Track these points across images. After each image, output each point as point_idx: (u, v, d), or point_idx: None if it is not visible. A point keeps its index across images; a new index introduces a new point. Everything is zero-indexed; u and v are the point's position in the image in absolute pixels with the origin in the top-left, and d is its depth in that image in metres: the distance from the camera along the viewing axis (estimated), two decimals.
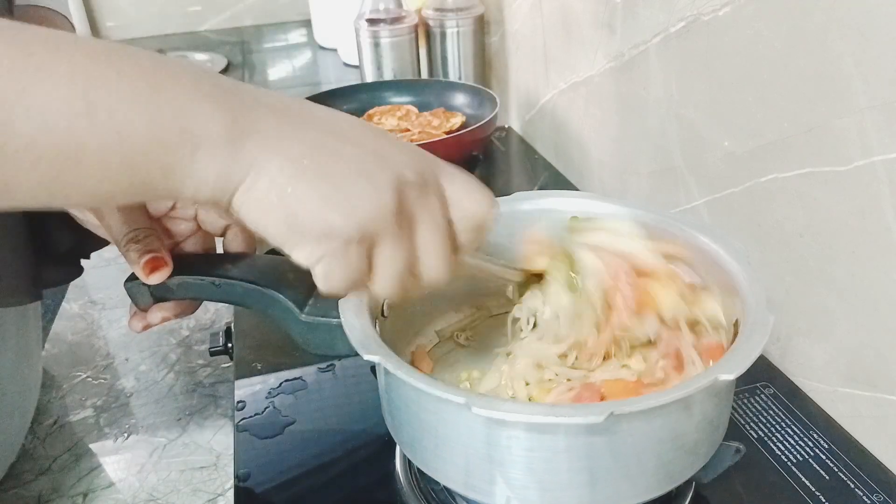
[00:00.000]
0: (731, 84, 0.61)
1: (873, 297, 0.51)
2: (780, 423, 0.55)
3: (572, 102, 0.93)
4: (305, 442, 0.57)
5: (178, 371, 0.77)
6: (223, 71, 1.59)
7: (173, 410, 0.71)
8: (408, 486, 0.51)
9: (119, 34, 1.93)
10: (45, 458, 0.66)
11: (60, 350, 0.81)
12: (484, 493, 0.41)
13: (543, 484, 0.39)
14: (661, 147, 0.73)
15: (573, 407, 0.41)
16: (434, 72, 1.20)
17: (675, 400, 0.36)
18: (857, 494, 0.49)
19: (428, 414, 0.41)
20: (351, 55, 1.46)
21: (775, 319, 0.40)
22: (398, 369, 0.39)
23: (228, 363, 0.76)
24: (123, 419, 0.71)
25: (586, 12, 0.84)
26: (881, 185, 0.48)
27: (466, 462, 0.41)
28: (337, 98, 1.05)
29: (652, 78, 0.72)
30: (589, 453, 0.38)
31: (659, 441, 0.39)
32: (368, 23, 1.15)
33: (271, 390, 0.62)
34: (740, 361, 0.37)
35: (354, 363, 0.63)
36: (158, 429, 0.69)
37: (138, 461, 0.66)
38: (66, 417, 0.71)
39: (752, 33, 0.57)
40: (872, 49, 0.46)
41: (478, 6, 1.15)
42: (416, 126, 0.98)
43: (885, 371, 0.51)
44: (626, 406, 0.36)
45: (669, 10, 0.67)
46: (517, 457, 0.39)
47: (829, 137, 0.51)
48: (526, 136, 1.13)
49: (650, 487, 0.41)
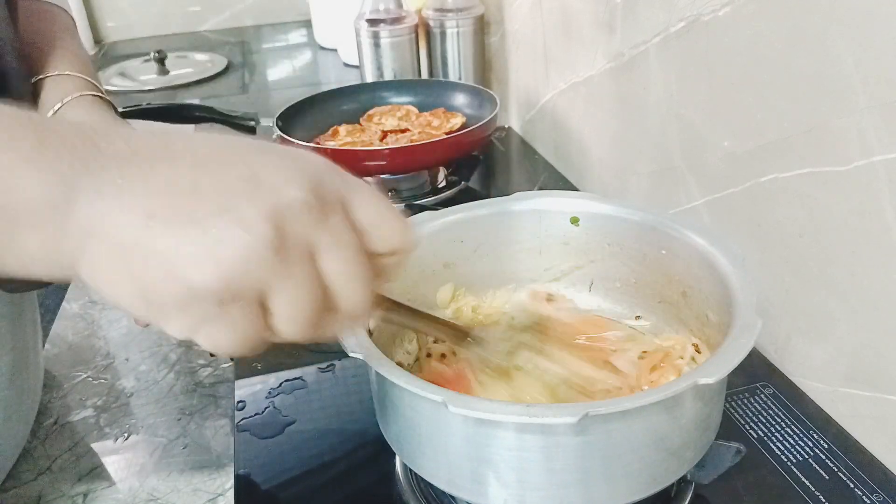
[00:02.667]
0: (731, 84, 0.61)
1: (873, 297, 0.51)
2: (779, 423, 0.55)
3: (572, 102, 0.93)
4: (305, 442, 0.57)
5: (179, 371, 0.77)
6: (223, 71, 1.59)
7: (173, 410, 0.71)
8: (407, 486, 0.51)
9: (119, 34, 1.94)
10: (45, 458, 0.66)
11: (60, 350, 0.81)
12: (467, 491, 0.42)
13: (524, 483, 0.40)
14: (661, 147, 0.73)
15: (549, 407, 0.41)
16: (434, 72, 1.20)
17: (651, 403, 0.36)
18: (857, 494, 0.49)
19: (411, 411, 0.42)
20: (351, 55, 1.46)
21: (763, 323, 0.40)
22: (380, 366, 0.39)
23: (228, 363, 0.76)
24: (123, 419, 0.71)
25: (586, 12, 0.84)
26: (881, 185, 0.48)
27: (448, 459, 0.41)
28: (337, 98, 1.05)
29: (652, 78, 0.72)
30: (568, 454, 0.39)
31: (640, 443, 0.39)
32: (368, 23, 1.16)
33: (271, 390, 0.62)
34: (722, 365, 0.38)
35: (354, 363, 0.63)
36: (158, 429, 0.69)
37: (138, 461, 0.66)
38: (66, 417, 0.71)
39: (752, 33, 0.57)
40: (872, 49, 0.46)
41: (478, 6, 1.15)
42: (416, 126, 0.98)
43: (885, 371, 0.51)
44: (601, 407, 0.36)
45: (669, 10, 0.67)
46: (497, 456, 0.39)
47: (829, 137, 0.51)
48: (526, 136, 1.13)
49: (633, 490, 0.41)
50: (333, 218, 0.31)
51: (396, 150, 0.87)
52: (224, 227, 0.28)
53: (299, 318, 0.31)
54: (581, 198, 0.56)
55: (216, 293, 0.28)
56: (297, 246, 0.30)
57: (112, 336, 0.84)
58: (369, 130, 0.98)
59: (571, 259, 0.57)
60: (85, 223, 0.28)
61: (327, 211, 0.31)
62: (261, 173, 0.30)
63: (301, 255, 0.30)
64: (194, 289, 0.28)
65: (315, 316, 0.31)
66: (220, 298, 0.29)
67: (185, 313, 0.29)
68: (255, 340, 0.31)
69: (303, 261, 0.30)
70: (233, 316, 0.29)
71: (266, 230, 0.29)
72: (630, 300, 0.56)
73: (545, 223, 0.56)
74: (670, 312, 0.53)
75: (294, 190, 0.30)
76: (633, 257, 0.54)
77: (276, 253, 0.29)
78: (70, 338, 0.83)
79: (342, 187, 0.33)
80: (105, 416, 0.72)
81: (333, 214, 0.31)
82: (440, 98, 1.05)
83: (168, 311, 0.29)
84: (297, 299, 0.30)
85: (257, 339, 0.31)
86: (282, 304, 0.30)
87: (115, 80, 1.55)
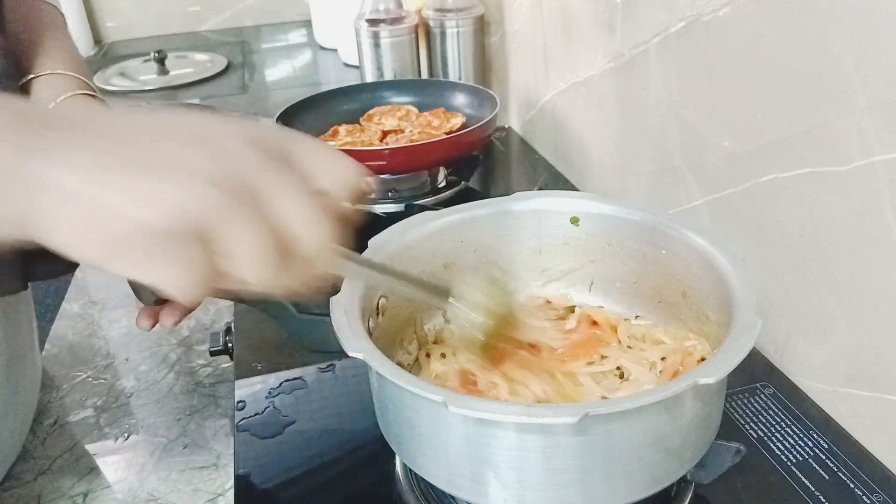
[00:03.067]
0: (731, 84, 0.61)
1: (873, 298, 0.51)
2: (779, 423, 0.55)
3: (572, 102, 0.93)
4: (305, 442, 0.57)
5: (178, 371, 0.77)
6: (223, 71, 1.59)
7: (173, 410, 0.71)
8: (407, 486, 0.51)
9: (119, 34, 1.94)
10: (45, 458, 0.66)
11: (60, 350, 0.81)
12: (467, 491, 0.42)
13: (524, 483, 0.40)
14: (661, 147, 0.73)
15: (549, 407, 0.41)
16: (434, 72, 1.20)
17: (651, 403, 0.36)
18: (857, 494, 0.49)
19: (410, 411, 0.42)
20: (351, 55, 1.46)
21: (763, 323, 0.40)
22: (380, 366, 0.39)
23: (228, 363, 0.76)
24: (123, 419, 0.71)
25: (586, 12, 0.84)
26: (881, 185, 0.48)
27: (448, 459, 0.41)
28: (337, 98, 1.05)
29: (652, 78, 0.72)
30: (568, 454, 0.39)
31: (640, 443, 0.39)
32: (368, 23, 1.16)
33: (271, 390, 0.62)
34: (722, 365, 0.38)
35: (354, 363, 0.62)
36: (158, 429, 0.69)
37: (138, 461, 0.66)
38: (66, 417, 0.71)
39: (752, 33, 0.57)
40: (872, 49, 0.46)
41: (478, 6, 1.15)
42: (417, 126, 0.98)
43: (885, 371, 0.51)
44: (601, 407, 0.36)
45: (669, 10, 0.67)
46: (497, 456, 0.39)
47: (829, 137, 0.51)
48: (526, 136, 1.13)
49: (633, 490, 0.41)
50: (275, 164, 0.33)
51: (396, 150, 0.87)
52: (168, 170, 0.30)
53: (253, 256, 0.32)
54: (581, 198, 0.56)
55: (168, 226, 0.30)
56: (241, 186, 0.31)
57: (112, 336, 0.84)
58: (369, 130, 0.98)
59: (571, 259, 0.57)
60: (35, 178, 0.30)
61: (270, 158, 0.33)
62: (204, 131, 0.33)
63: (246, 195, 0.31)
64: (148, 223, 0.30)
65: (270, 257, 0.32)
66: (166, 233, 0.30)
67: (133, 250, 0.30)
68: (203, 279, 0.32)
69: (249, 201, 0.32)
70: (180, 253, 0.30)
71: (208, 171, 0.31)
72: (630, 300, 0.56)
73: (545, 223, 0.56)
74: (670, 312, 0.53)
75: (234, 140, 0.32)
76: (633, 257, 0.54)
77: (221, 191, 0.31)
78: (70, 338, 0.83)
79: (284, 140, 0.35)
80: (105, 416, 0.72)
81: (275, 161, 0.33)
82: (440, 98, 1.05)
83: (117, 249, 0.30)
84: (248, 236, 0.31)
85: (205, 278, 0.32)
86: (233, 243, 0.31)
87: (115, 80, 1.55)
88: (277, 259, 0.33)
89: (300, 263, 0.34)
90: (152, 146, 0.31)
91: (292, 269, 0.34)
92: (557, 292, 0.59)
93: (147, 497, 0.62)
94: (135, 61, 1.66)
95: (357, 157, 0.85)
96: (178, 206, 0.30)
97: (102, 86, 1.52)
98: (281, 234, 0.33)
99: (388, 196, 0.93)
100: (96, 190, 0.30)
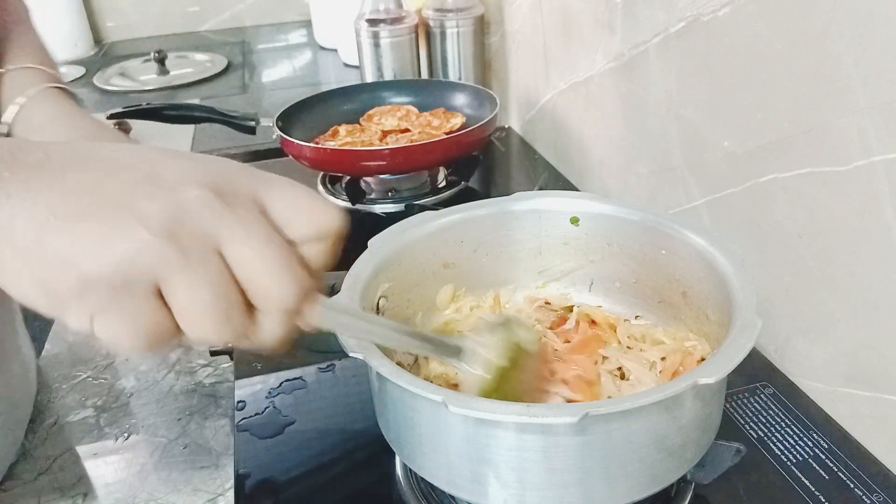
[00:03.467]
0: (731, 84, 0.61)
1: (873, 298, 0.51)
2: (779, 423, 0.55)
3: (572, 102, 0.94)
4: (305, 442, 0.57)
5: (178, 371, 0.77)
6: (223, 71, 1.59)
7: (173, 410, 0.71)
8: (407, 486, 0.51)
9: (119, 34, 1.94)
10: (45, 458, 0.66)
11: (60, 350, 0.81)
12: (467, 491, 0.42)
13: (524, 483, 0.40)
14: (661, 147, 0.73)
15: (549, 407, 0.41)
16: (434, 72, 1.20)
17: (651, 403, 0.36)
18: (857, 494, 0.49)
19: (410, 411, 0.42)
20: (351, 55, 1.46)
21: (763, 323, 0.40)
22: (380, 366, 0.39)
23: (228, 363, 0.76)
24: (123, 419, 0.71)
25: (586, 12, 0.84)
26: (881, 185, 0.48)
27: (448, 459, 0.41)
28: (337, 98, 1.05)
29: (652, 78, 0.72)
30: (567, 454, 0.39)
31: (640, 443, 0.39)
32: (368, 23, 1.16)
33: (271, 390, 0.62)
34: (722, 365, 0.38)
35: (354, 363, 0.63)
36: (158, 429, 0.69)
37: (138, 461, 0.66)
38: (66, 417, 0.71)
39: (752, 33, 0.57)
40: (872, 49, 0.46)
41: (478, 6, 1.15)
42: (417, 126, 0.98)
43: (885, 371, 0.51)
44: (601, 407, 0.36)
45: (669, 10, 0.67)
46: (497, 456, 0.39)
47: (829, 137, 0.51)
48: (526, 136, 1.13)
49: (633, 490, 0.41)
50: (240, 211, 0.31)
51: (396, 150, 0.87)
52: (119, 219, 0.29)
53: (203, 311, 0.30)
54: (581, 198, 0.56)
55: (108, 281, 0.29)
56: (195, 237, 0.30)
57: None
58: (369, 130, 0.98)
59: (571, 259, 0.57)
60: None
61: (233, 204, 0.31)
62: (163, 173, 0.31)
63: (200, 246, 0.30)
64: (87, 277, 0.29)
65: (223, 310, 0.31)
66: (112, 287, 0.29)
67: (81, 303, 0.29)
68: (155, 335, 0.31)
69: (203, 252, 0.30)
70: (128, 306, 0.30)
71: (160, 221, 0.29)
72: (630, 300, 0.56)
73: (545, 223, 0.56)
74: (670, 312, 0.53)
75: (193, 187, 0.31)
76: (633, 257, 0.54)
77: (171, 243, 0.29)
78: (70, 338, 0.83)
79: (253, 183, 0.33)
80: (105, 416, 0.71)
81: (240, 207, 0.31)
82: (440, 98, 1.05)
83: (65, 302, 0.30)
84: (197, 290, 0.30)
85: (158, 334, 0.31)
86: (181, 298, 0.30)
87: (115, 80, 1.55)
88: (236, 314, 0.31)
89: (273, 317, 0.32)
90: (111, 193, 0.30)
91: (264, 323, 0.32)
92: (557, 292, 0.59)
93: (147, 497, 0.62)
94: (135, 61, 1.66)
95: (357, 157, 0.86)
96: (126, 259, 0.29)
97: (102, 86, 1.52)
98: (240, 287, 0.31)
99: (388, 196, 0.93)
100: (48, 240, 0.29)
